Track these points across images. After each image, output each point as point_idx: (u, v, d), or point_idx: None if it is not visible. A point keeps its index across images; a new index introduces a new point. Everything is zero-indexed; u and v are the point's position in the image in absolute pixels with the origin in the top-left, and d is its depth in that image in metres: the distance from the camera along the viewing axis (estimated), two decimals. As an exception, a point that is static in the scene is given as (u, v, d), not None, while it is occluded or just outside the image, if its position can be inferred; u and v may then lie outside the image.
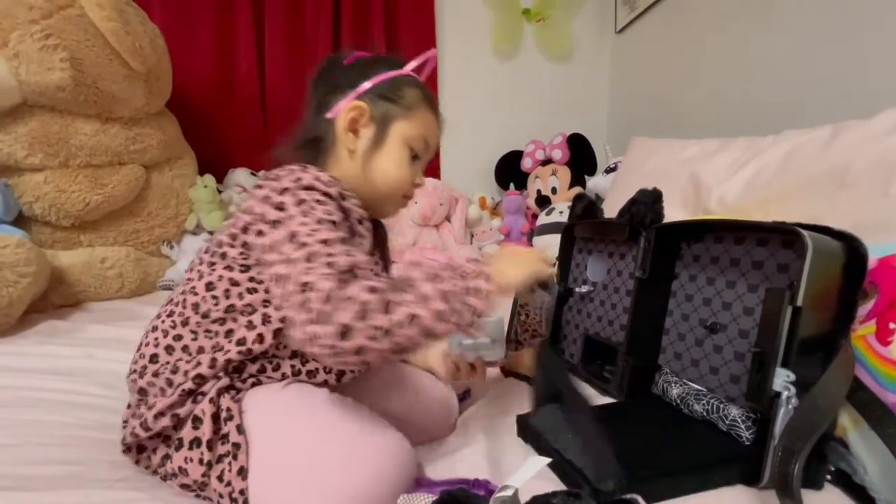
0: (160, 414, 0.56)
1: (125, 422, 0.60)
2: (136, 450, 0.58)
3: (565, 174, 1.92)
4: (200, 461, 0.53)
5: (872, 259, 0.56)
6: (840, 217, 0.72)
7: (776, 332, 0.53)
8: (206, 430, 0.54)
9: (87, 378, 0.85)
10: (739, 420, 0.60)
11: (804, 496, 0.47)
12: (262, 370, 0.60)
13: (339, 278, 0.47)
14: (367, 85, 0.67)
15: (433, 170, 2.10)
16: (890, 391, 0.52)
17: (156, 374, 0.59)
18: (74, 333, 1.10)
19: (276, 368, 0.61)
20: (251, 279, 0.59)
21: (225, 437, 0.54)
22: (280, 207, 0.54)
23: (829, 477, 0.54)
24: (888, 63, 0.97)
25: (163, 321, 0.62)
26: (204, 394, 0.56)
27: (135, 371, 0.61)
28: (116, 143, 1.40)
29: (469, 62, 2.12)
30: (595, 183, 1.81)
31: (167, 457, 0.56)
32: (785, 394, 0.51)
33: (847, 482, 0.53)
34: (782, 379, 0.52)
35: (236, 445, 0.53)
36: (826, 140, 0.89)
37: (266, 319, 0.58)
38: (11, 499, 0.52)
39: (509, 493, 0.38)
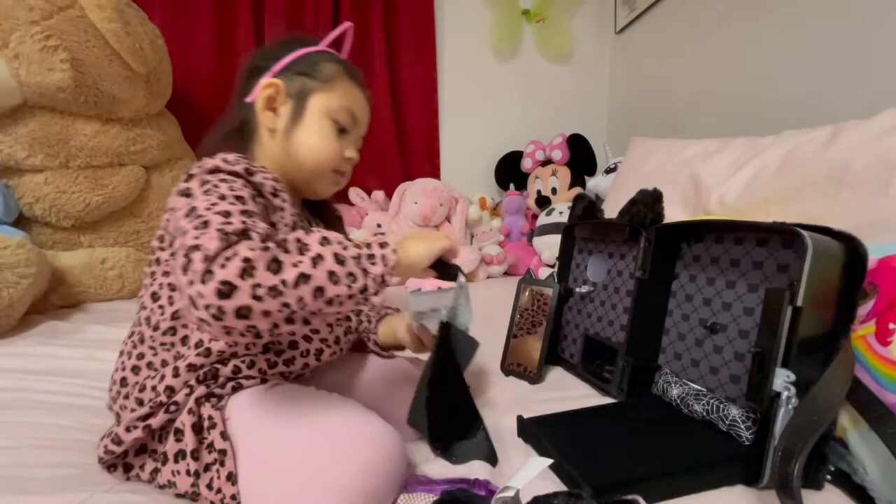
0: (132, 427, 0.56)
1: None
2: (123, 468, 0.58)
3: (565, 175, 1.92)
4: (188, 472, 0.53)
5: (872, 259, 0.56)
6: (840, 217, 0.73)
7: (776, 332, 0.53)
8: (188, 441, 0.54)
9: (88, 379, 0.85)
10: (739, 420, 0.60)
11: (804, 496, 0.47)
12: (238, 371, 0.59)
13: (228, 240, 0.45)
14: (282, 62, 0.67)
15: (433, 170, 2.10)
16: (890, 391, 0.52)
17: (126, 397, 0.59)
18: (75, 334, 1.10)
19: (252, 366, 0.60)
20: None
21: (210, 446, 0.54)
22: (186, 193, 0.53)
23: (829, 477, 0.54)
24: (888, 63, 0.97)
25: (126, 343, 0.63)
26: (178, 404, 0.56)
27: (110, 397, 0.62)
28: (117, 143, 1.40)
29: (469, 62, 2.12)
30: (595, 183, 1.81)
31: (156, 470, 0.56)
32: (785, 394, 0.51)
33: (847, 482, 0.53)
34: (782, 379, 0.52)
35: (222, 452, 0.52)
36: (826, 140, 0.89)
37: None
38: (11, 501, 0.52)
39: (511, 493, 0.38)
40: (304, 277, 0.46)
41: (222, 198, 0.51)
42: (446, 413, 0.63)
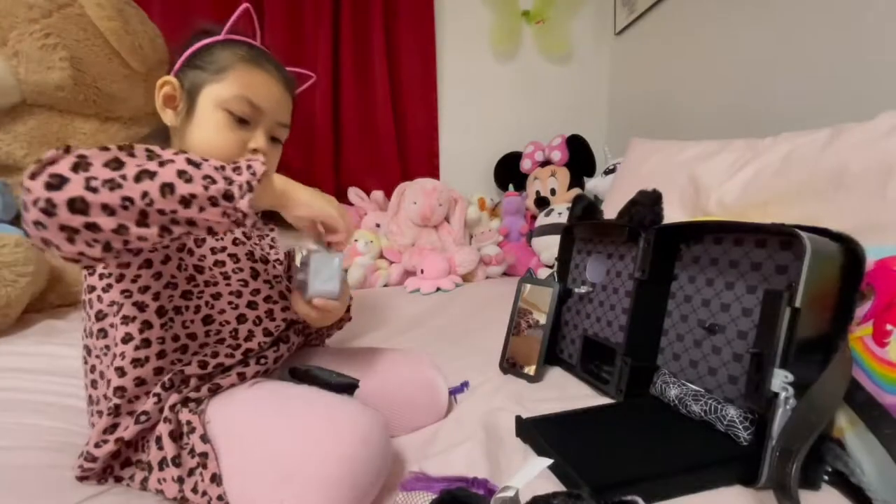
0: (101, 442, 0.56)
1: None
2: (115, 480, 0.58)
3: (564, 175, 1.93)
4: (173, 479, 0.53)
5: (869, 261, 0.56)
6: (838, 219, 0.73)
7: (775, 333, 0.53)
8: (168, 449, 0.54)
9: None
10: (737, 421, 0.60)
11: (802, 497, 0.48)
12: (204, 365, 0.59)
13: (67, 149, 0.43)
14: (182, 58, 0.67)
15: (433, 170, 2.10)
16: (887, 392, 0.52)
17: (92, 414, 0.60)
18: (73, 333, 1.09)
19: (215, 355, 0.60)
20: (101, 276, 0.60)
21: (191, 451, 0.54)
22: None
23: (826, 477, 0.54)
24: (888, 64, 0.97)
25: (82, 361, 0.64)
26: (147, 413, 0.56)
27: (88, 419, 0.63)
28: (116, 142, 1.40)
29: (469, 62, 2.12)
30: (594, 184, 1.81)
31: (145, 479, 0.56)
32: (783, 394, 0.52)
33: (844, 483, 0.54)
34: (780, 380, 0.52)
35: (204, 455, 0.53)
36: (825, 142, 0.89)
37: (141, 307, 0.57)
38: (11, 503, 0.52)
39: (510, 493, 0.38)
40: (147, 173, 0.44)
41: None
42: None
